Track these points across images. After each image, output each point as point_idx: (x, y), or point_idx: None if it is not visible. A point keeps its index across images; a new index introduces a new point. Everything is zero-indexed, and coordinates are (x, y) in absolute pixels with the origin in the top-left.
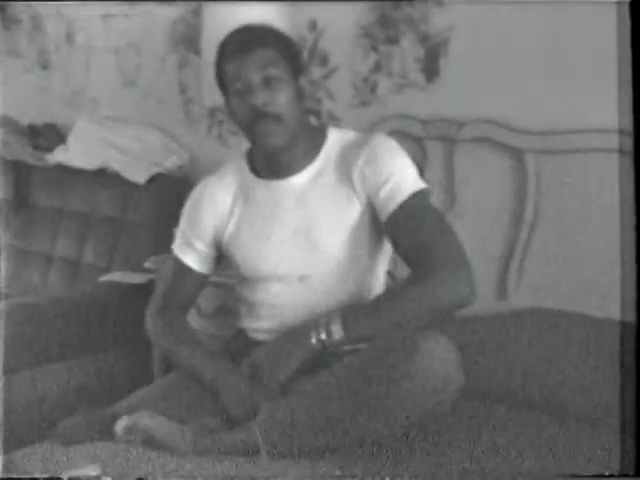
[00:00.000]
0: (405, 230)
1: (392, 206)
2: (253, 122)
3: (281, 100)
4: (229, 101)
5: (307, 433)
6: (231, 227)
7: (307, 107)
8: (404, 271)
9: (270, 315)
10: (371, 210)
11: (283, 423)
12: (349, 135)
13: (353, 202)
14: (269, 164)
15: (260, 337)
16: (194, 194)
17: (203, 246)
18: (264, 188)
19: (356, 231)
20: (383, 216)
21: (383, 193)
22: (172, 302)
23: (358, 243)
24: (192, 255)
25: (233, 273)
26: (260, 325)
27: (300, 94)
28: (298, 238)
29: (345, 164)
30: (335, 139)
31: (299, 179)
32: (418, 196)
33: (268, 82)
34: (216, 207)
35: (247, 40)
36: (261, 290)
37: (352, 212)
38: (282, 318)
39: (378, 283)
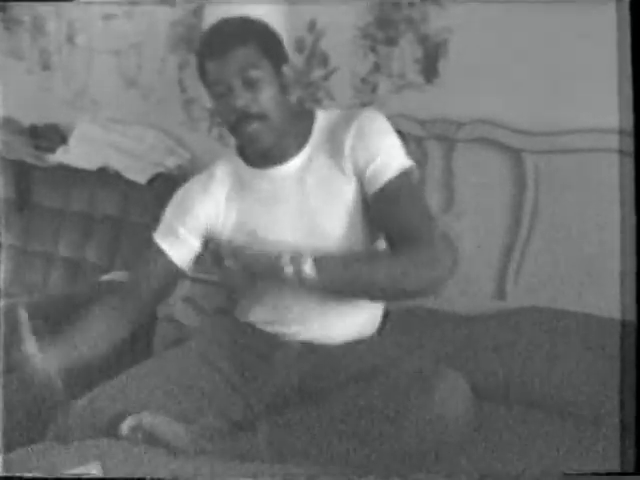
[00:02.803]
0: (387, 211)
1: (376, 186)
2: (238, 124)
3: (264, 99)
4: (216, 105)
5: (310, 449)
6: (232, 221)
7: (298, 96)
8: None
9: (281, 309)
10: (362, 187)
11: (287, 436)
12: (336, 113)
13: (347, 180)
14: (261, 154)
15: (270, 329)
16: (185, 187)
17: (188, 234)
18: (260, 177)
19: (353, 210)
20: (368, 194)
21: (369, 172)
22: (137, 288)
23: (356, 222)
24: (172, 241)
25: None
26: (270, 317)
27: (284, 86)
28: (300, 223)
29: (336, 142)
30: (323, 118)
31: (294, 164)
32: (402, 177)
33: (249, 83)
34: (210, 201)
35: (225, 38)
36: (269, 286)
37: (348, 191)
38: (293, 311)
39: None
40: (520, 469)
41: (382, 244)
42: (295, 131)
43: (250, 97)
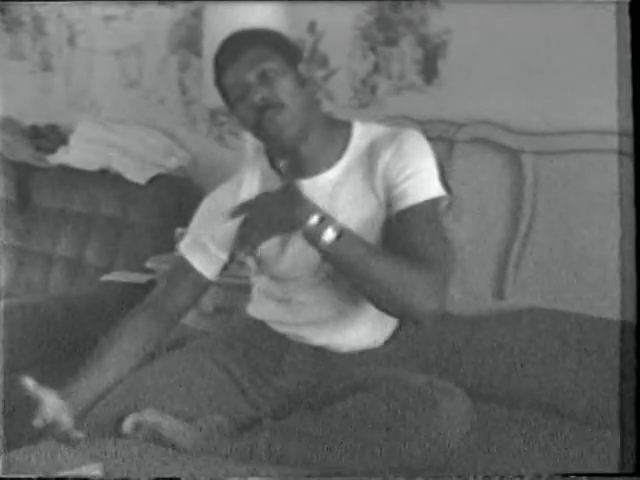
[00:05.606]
0: (404, 233)
1: (401, 206)
2: (258, 120)
3: (280, 89)
4: (236, 111)
5: (310, 455)
6: None
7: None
8: None
9: (296, 311)
10: (388, 207)
11: (287, 441)
12: (377, 129)
13: (378, 203)
14: (291, 162)
15: (283, 329)
16: (213, 197)
17: (217, 249)
18: None
19: (379, 227)
20: (391, 211)
21: (398, 191)
22: (166, 304)
23: (380, 238)
24: (201, 257)
25: (258, 271)
26: (285, 318)
27: (301, 81)
28: None
29: (373, 159)
30: (362, 133)
31: (327, 177)
32: (429, 204)
33: (264, 77)
34: None
35: (236, 46)
36: (288, 288)
37: (377, 208)
38: (308, 314)
39: None
40: (519, 470)
41: None
42: (328, 141)
43: (267, 90)
